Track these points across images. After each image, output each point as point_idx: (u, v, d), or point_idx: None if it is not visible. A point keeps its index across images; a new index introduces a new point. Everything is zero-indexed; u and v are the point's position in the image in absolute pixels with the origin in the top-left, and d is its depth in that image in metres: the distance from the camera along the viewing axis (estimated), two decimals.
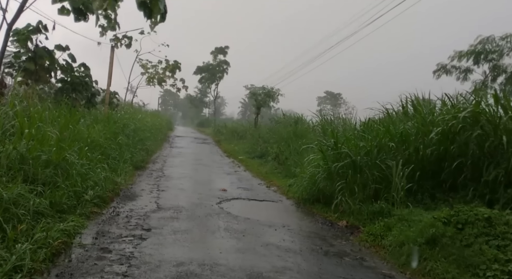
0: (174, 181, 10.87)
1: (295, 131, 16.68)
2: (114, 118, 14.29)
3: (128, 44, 18.38)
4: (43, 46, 13.71)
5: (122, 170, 10.51)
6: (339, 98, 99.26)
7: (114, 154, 10.90)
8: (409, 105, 10.39)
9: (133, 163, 12.44)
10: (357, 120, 14.83)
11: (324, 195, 8.25)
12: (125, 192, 8.56)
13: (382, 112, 11.24)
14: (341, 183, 7.34)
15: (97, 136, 10.55)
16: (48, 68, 13.90)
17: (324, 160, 8.06)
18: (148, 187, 9.47)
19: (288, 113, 23.53)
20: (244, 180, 12.38)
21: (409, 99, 10.32)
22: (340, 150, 7.95)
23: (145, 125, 19.90)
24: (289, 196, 9.64)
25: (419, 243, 5.47)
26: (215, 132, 36.44)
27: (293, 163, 13.09)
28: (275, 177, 13.09)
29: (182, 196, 8.71)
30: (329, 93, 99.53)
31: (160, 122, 29.23)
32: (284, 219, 7.35)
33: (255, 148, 20.42)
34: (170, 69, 35.04)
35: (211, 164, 16.04)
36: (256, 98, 26.17)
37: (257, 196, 9.51)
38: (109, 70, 16.03)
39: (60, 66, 14.17)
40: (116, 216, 6.39)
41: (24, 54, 13.46)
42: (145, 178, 11.05)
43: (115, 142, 11.92)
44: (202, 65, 62.52)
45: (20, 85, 13.30)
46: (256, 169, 15.14)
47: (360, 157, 7.49)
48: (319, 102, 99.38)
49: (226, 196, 9.16)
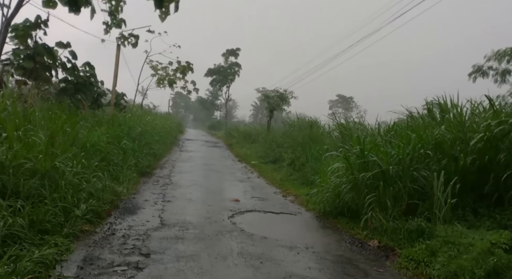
0: (182, 189, 9.94)
1: (311, 136, 15.64)
2: (119, 121, 13.42)
3: (135, 43, 17.56)
4: (43, 43, 12.95)
5: (125, 177, 9.63)
6: (351, 101, 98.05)
7: (117, 159, 10.03)
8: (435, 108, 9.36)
9: (138, 169, 11.56)
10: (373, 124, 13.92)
11: (349, 208, 7.23)
12: (126, 203, 7.64)
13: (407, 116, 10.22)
14: (372, 196, 6.30)
15: (98, 140, 9.69)
16: (49, 67, 13.13)
17: (349, 169, 7.04)
18: (152, 197, 8.55)
19: (299, 117, 22.56)
20: (258, 188, 11.41)
21: (435, 102, 9.27)
22: (368, 158, 6.92)
23: (154, 128, 19.06)
24: (308, 207, 8.64)
25: (478, 276, 4.43)
26: (226, 135, 35.56)
27: (310, 170, 12.10)
28: (291, 184, 12.11)
29: (190, 208, 7.77)
30: (341, 97, 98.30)
31: (170, 125, 28.42)
32: (306, 238, 6.34)
33: (268, 152, 19.47)
34: (181, 71, 34.29)
35: (222, 169, 15.11)
36: (269, 101, 25.18)
37: (273, 208, 8.52)
38: (114, 70, 15.23)
39: (61, 65, 13.39)
40: (111, 236, 5.45)
41: (23, 51, 12.71)
42: (151, 185, 10.15)
43: (119, 146, 11.05)
44: (213, 67, 61.84)
45: (19, 85, 12.56)
46: (270, 175, 14.17)
47: (392, 167, 6.44)
48: (330, 105, 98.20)
49: (239, 207, 8.20)
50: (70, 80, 14.38)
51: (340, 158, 7.79)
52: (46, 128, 7.16)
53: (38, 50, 12.82)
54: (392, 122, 9.80)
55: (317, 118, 21.24)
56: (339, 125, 13.02)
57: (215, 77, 62.46)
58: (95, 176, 7.51)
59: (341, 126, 12.93)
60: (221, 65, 61.70)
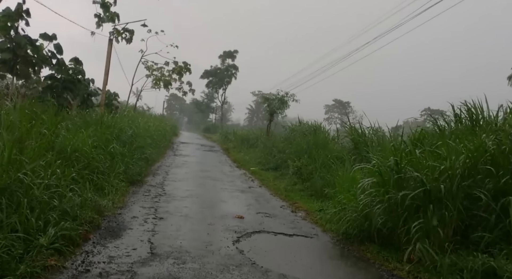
0: (177, 202, 8.67)
1: (316, 142, 14.41)
2: (107, 122, 12.12)
3: (129, 38, 16.28)
4: (25, 34, 11.67)
5: (112, 187, 8.35)
6: (347, 106, 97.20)
7: (103, 166, 8.73)
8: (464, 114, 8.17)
9: (128, 176, 10.26)
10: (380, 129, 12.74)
11: (379, 232, 6.00)
12: (109, 221, 6.35)
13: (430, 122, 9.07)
14: (419, 222, 5.05)
15: (82, 144, 8.39)
16: (31, 61, 11.83)
17: (382, 185, 5.80)
18: (142, 213, 7.27)
19: (295, 121, 21.43)
20: (263, 200, 10.16)
21: (463, 107, 8.07)
22: (406, 173, 5.70)
23: (147, 131, 17.75)
24: (325, 227, 7.39)
25: None
26: (222, 139, 34.28)
27: (319, 180, 10.89)
28: (298, 196, 10.88)
29: (186, 228, 6.49)
30: (337, 102, 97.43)
31: (164, 127, 27.09)
32: (334, 275, 5.10)
33: (268, 158, 18.24)
34: (178, 71, 33.00)
35: (220, 176, 13.84)
36: (269, 104, 23.96)
37: (284, 227, 7.27)
38: (105, 67, 13.95)
39: (44, 59, 12.08)
40: (83, 274, 4.16)
41: (2, 44, 11.41)
42: (141, 197, 8.86)
43: (107, 151, 9.76)
44: (210, 69, 60.61)
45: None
46: (273, 184, 12.94)
47: (439, 185, 5.22)
48: (326, 110, 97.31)
49: (244, 227, 6.94)
50: (57, 77, 13.10)
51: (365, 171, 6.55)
52: (16, 131, 5.88)
53: (19, 42, 11.52)
54: (419, 129, 8.60)
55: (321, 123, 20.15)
56: (352, 130, 11.80)
57: (211, 79, 61.21)
58: (73, 188, 6.25)
59: (354, 132, 11.71)
60: (218, 67, 60.49)
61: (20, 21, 11.80)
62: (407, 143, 6.46)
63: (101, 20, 14.17)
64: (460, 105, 8.03)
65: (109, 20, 14.87)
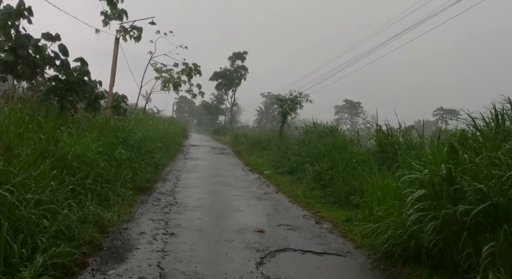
0: (189, 212, 7.85)
1: (335, 144, 13.50)
2: (114, 126, 11.35)
3: (138, 36, 15.52)
4: (26, 33, 10.96)
5: (118, 197, 7.57)
6: (358, 107, 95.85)
7: (108, 173, 7.94)
8: None
9: (136, 183, 9.50)
10: None
11: (429, 252, 5.08)
12: (113, 239, 5.53)
13: None
14: (490, 246, 4.12)
15: (85, 150, 7.61)
16: (33, 62, 11.11)
17: (435, 198, 4.89)
18: (151, 227, 6.45)
19: (304, 123, 20.60)
20: (282, 208, 9.29)
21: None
22: (461, 183, 4.79)
23: (157, 134, 16.99)
24: (357, 242, 6.50)
25: None
26: (233, 141, 33.50)
27: (342, 186, 9.99)
28: (319, 203, 10.00)
29: (201, 246, 5.65)
30: (348, 102, 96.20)
31: (174, 130, 26.37)
32: None
33: (283, 161, 17.39)
34: (188, 73, 32.32)
35: (234, 182, 13.00)
36: (282, 105, 23.09)
37: (311, 243, 6.40)
38: (112, 68, 13.20)
39: (47, 60, 11.37)
40: None
41: (3, 43, 10.72)
42: (150, 207, 8.06)
43: (112, 157, 8.98)
44: (219, 70, 59.97)
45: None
46: (290, 190, 12.08)
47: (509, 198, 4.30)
48: (336, 111, 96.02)
49: (266, 244, 6.07)
50: (60, 78, 12.39)
51: (406, 179, 5.63)
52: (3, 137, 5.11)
53: (20, 42, 10.80)
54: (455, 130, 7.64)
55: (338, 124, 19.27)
56: (378, 132, 10.86)
57: (220, 81, 60.58)
58: (73, 201, 5.46)
59: (380, 134, 10.77)
60: (227, 69, 59.84)
61: (21, 20, 11.13)
62: (456, 146, 5.52)
63: (107, 18, 13.41)
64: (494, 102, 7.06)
65: (117, 17, 14.11)
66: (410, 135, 10.31)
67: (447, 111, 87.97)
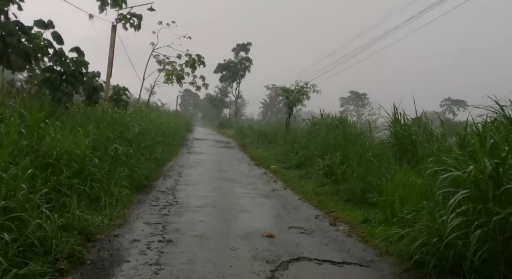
0: (190, 214, 7.10)
1: (346, 136, 12.69)
2: (111, 119, 10.58)
3: (138, 25, 14.67)
4: (16, 20, 10.21)
5: (112, 198, 6.82)
6: (364, 98, 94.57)
7: (100, 172, 7.18)
8: None
9: (134, 181, 8.77)
10: None
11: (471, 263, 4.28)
12: (100, 249, 4.77)
13: None
14: None
15: (75, 146, 6.86)
16: (24, 51, 10.36)
17: (481, 201, 4.06)
18: (146, 233, 5.70)
19: (310, 115, 19.80)
20: (291, 208, 8.52)
21: None
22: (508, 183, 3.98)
23: (159, 128, 16.23)
24: (379, 248, 5.71)
25: None
26: (238, 134, 32.72)
27: (358, 182, 9.19)
28: (332, 201, 9.23)
29: (202, 257, 4.88)
30: (353, 93, 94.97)
31: (178, 123, 25.59)
32: None
33: (290, 155, 16.62)
34: (191, 64, 31.55)
35: (239, 177, 12.25)
36: (289, 96, 22.22)
37: (328, 250, 5.62)
38: (109, 56, 12.41)
39: (39, 48, 10.62)
40: None
41: None
42: (147, 208, 7.32)
43: (107, 152, 8.23)
44: (223, 62, 59.05)
45: None
46: (299, 186, 11.32)
47: None
48: (342, 102, 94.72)
49: (277, 252, 5.30)
50: (56, 69, 11.64)
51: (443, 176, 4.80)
52: None
53: (9, 29, 10.05)
54: None
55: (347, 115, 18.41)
56: (395, 123, 10.00)
57: (225, 73, 59.67)
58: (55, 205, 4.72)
59: (397, 125, 9.92)
60: (231, 61, 58.89)
61: (11, 5, 10.37)
62: (496, 139, 4.69)
63: (104, 4, 12.58)
64: None
65: (114, 4, 13.30)
66: (431, 126, 9.45)
67: (454, 101, 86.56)
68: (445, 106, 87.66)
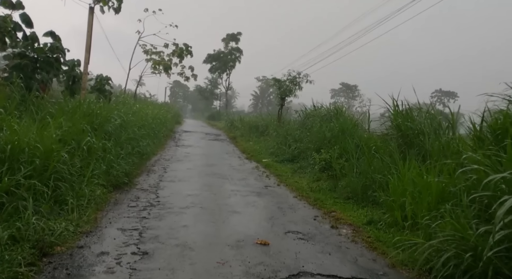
0: (173, 217, 6.23)
1: (343, 129, 11.86)
2: (87, 110, 9.62)
3: (118, 8, 13.62)
4: None
5: (82, 199, 5.93)
6: (355, 90, 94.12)
7: (70, 169, 6.27)
8: None
9: (111, 178, 7.88)
10: None
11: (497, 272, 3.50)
12: (55, 268, 3.86)
13: None
14: None
15: (39, 140, 5.94)
16: None
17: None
18: (118, 242, 4.82)
19: (300, 107, 19.01)
20: (287, 207, 7.69)
21: None
22: None
23: (144, 120, 15.24)
24: (392, 258, 4.91)
25: None
26: (228, 126, 31.77)
27: (357, 178, 8.41)
28: (330, 198, 8.44)
29: (182, 275, 4.02)
30: (344, 85, 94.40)
31: (165, 115, 24.55)
32: None
33: (282, 148, 15.78)
34: (178, 54, 30.44)
35: (229, 173, 11.39)
36: (281, 87, 21.31)
37: (332, 260, 4.81)
38: (86, 42, 11.38)
39: (6, 32, 9.60)
40: None
41: None
42: (124, 210, 6.43)
43: (80, 147, 7.31)
44: (213, 52, 57.78)
45: None
46: (294, 182, 10.51)
47: None
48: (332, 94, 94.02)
49: (274, 265, 4.47)
50: (28, 55, 10.61)
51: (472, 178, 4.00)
52: None
53: None
54: None
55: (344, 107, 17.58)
56: (397, 114, 9.19)
57: (214, 64, 58.42)
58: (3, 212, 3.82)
59: (400, 116, 9.11)
60: (221, 51, 57.64)
61: None
62: None
63: None
64: None
65: None
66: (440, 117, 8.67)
67: (445, 93, 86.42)
68: (436, 97, 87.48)
